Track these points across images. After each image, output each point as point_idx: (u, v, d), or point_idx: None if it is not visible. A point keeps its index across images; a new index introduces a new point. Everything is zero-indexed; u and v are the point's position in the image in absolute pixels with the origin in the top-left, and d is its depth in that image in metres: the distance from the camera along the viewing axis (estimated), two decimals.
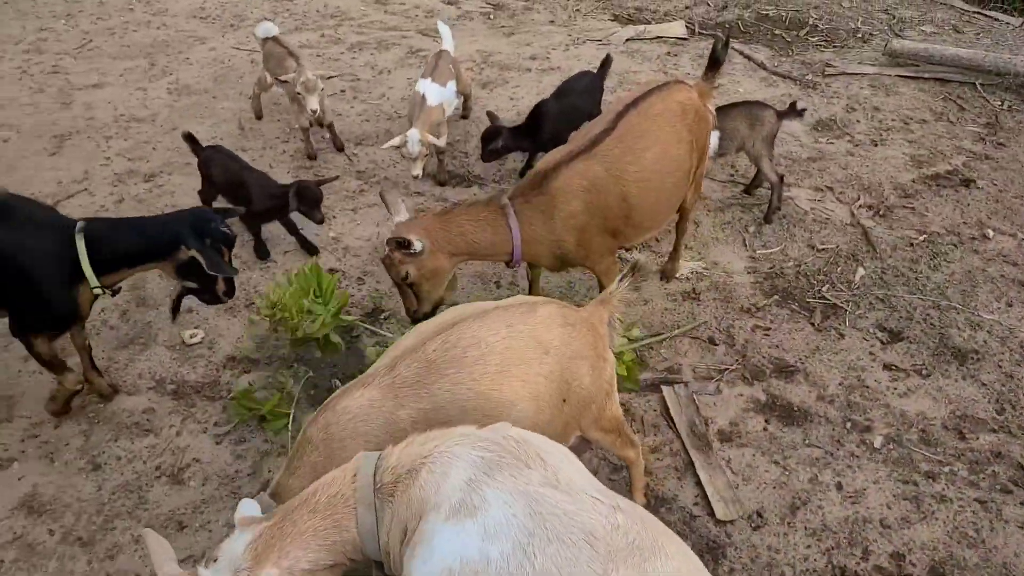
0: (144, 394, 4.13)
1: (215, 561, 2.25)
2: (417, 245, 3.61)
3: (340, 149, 5.93)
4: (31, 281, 3.45)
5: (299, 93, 5.33)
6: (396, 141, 5.17)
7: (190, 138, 5.07)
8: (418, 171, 5.28)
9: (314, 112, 5.40)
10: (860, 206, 5.39)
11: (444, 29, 5.87)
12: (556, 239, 3.78)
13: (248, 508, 2.50)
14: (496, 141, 5.32)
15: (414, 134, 5.10)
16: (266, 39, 5.86)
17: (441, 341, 2.73)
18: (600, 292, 4.17)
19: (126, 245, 3.55)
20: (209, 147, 5.12)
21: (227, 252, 3.68)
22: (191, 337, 4.45)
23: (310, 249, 4.97)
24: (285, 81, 5.35)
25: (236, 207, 4.19)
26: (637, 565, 1.91)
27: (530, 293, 4.44)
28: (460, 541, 2.00)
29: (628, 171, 3.81)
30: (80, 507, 3.65)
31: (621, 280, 3.06)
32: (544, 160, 3.88)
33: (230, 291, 3.82)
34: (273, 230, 5.03)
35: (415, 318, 3.92)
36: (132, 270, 3.65)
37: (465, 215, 3.74)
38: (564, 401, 2.86)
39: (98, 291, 3.57)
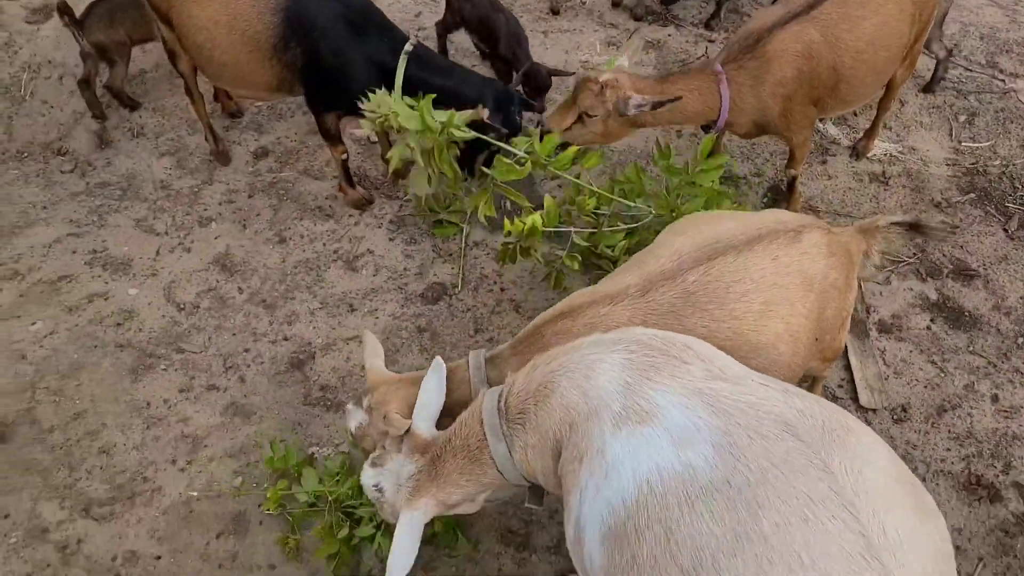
0: (329, 180, 4.38)
1: (381, 465, 2.46)
2: (634, 108, 3.44)
3: None
4: (349, 72, 3.71)
5: None
6: None
7: None
8: None
9: None
10: None
11: None
12: (761, 106, 3.61)
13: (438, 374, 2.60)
14: None
15: None
16: None
17: (702, 272, 2.55)
18: (789, 162, 4.00)
19: (439, 81, 3.70)
20: None
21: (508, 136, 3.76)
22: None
23: None
24: None
25: (534, 103, 4.11)
26: (841, 448, 1.77)
27: (790, 192, 4.22)
28: (647, 451, 1.85)
29: (844, 39, 3.56)
30: (266, 273, 4.01)
31: (895, 223, 2.76)
32: (756, 20, 3.66)
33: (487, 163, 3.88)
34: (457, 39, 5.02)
35: (547, 132, 3.68)
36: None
37: (681, 84, 3.56)
38: (817, 340, 2.70)
39: None
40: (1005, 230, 4.21)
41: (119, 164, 4.43)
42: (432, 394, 2.52)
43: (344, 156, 4.06)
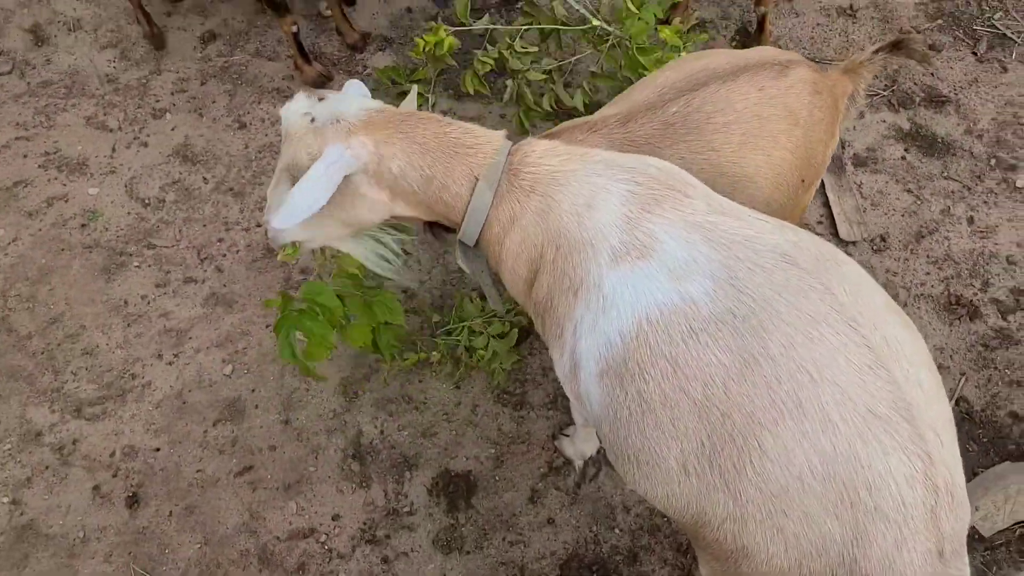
0: (283, 61, 4.20)
1: (320, 100, 2.09)
2: None
3: None
4: None
5: None
6: None
7: None
8: None
9: None
10: None
11: None
12: None
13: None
14: None
15: None
16: None
17: (684, 103, 2.44)
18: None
19: None
20: None
21: None
22: (327, 9, 4.41)
23: None
24: None
25: None
26: (836, 274, 1.77)
27: (759, 32, 4.11)
28: (645, 286, 1.81)
29: None
30: (230, 161, 3.88)
31: (877, 51, 2.61)
32: None
33: None
34: None
35: None
36: None
37: None
38: (803, 182, 2.58)
39: None
40: (974, 53, 4.16)
41: (59, 61, 4.20)
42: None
43: (295, 28, 3.86)
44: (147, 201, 3.75)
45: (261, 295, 3.49)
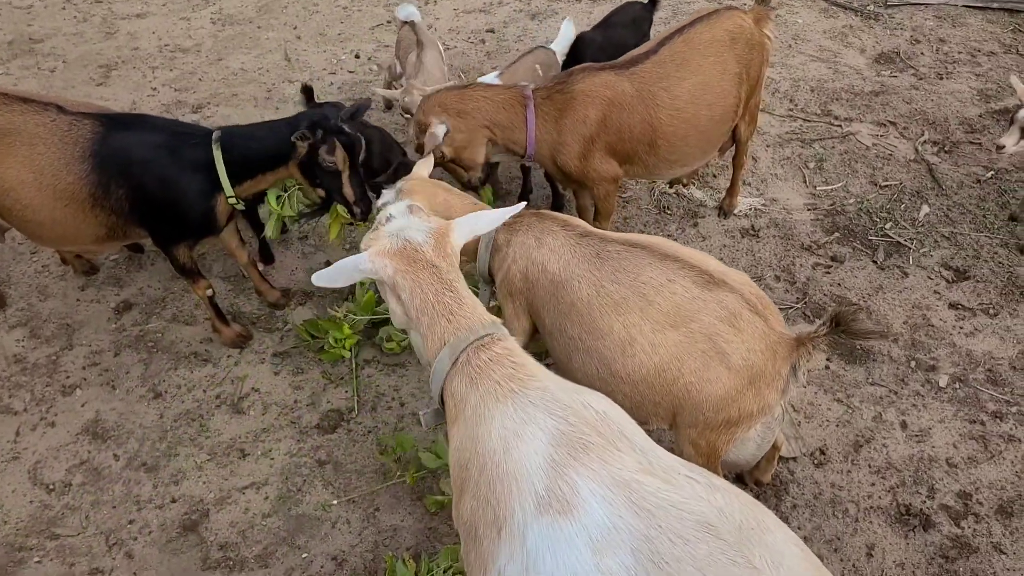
0: (201, 324, 4.14)
1: (409, 213, 2.47)
2: (440, 129, 3.57)
3: None
4: (184, 196, 3.54)
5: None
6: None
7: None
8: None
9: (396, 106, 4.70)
10: (924, 142, 5.20)
11: (567, 27, 5.02)
12: (559, 141, 3.71)
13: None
14: None
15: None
16: (405, 23, 5.17)
17: (637, 261, 2.73)
18: (595, 216, 4.08)
19: (256, 149, 3.56)
20: None
21: (347, 150, 3.51)
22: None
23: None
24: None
25: (365, 102, 3.74)
26: (759, 544, 1.74)
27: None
28: (565, 554, 1.76)
29: (660, 96, 3.69)
30: (143, 433, 3.69)
31: (831, 330, 2.61)
32: (579, 66, 3.81)
33: (365, 209, 3.64)
34: None
35: (471, 186, 3.96)
36: (264, 177, 3.63)
37: (482, 93, 3.69)
38: (676, 420, 2.75)
39: (233, 202, 3.62)
40: (874, 262, 4.36)
41: None
42: (485, 220, 2.53)
43: (210, 292, 3.83)
44: (51, 486, 3.49)
45: None
